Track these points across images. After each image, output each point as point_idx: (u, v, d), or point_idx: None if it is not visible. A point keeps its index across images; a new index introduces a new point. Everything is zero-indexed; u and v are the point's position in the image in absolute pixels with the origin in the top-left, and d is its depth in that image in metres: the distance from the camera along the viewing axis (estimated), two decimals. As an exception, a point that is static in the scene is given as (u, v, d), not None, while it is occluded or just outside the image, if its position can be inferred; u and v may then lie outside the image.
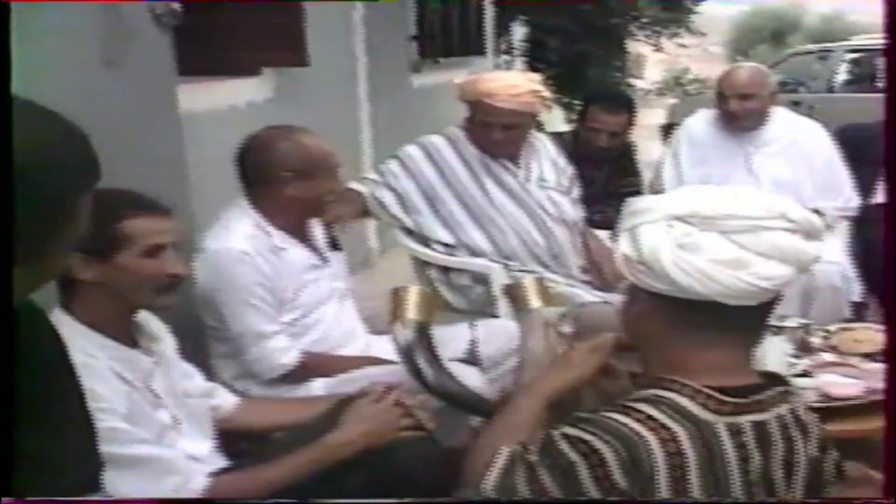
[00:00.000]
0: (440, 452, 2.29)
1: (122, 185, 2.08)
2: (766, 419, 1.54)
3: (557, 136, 4.33)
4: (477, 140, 3.57)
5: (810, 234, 1.54)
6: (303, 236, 2.89)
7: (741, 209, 1.50)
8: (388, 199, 3.56)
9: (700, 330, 1.54)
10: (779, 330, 2.86)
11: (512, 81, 3.52)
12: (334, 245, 3.04)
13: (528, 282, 2.76)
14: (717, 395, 1.51)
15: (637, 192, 4.60)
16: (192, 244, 3.00)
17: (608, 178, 4.45)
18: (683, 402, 1.50)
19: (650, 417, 1.48)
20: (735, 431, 1.50)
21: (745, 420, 1.52)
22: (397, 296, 2.66)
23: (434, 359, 2.63)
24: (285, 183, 2.74)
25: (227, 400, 2.47)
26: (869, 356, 2.93)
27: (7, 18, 1.31)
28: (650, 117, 13.57)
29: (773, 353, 2.75)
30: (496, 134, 3.50)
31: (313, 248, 2.92)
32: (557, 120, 8.46)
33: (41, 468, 1.39)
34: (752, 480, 1.51)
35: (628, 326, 1.69)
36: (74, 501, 1.52)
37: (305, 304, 2.84)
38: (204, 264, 2.70)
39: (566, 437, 1.50)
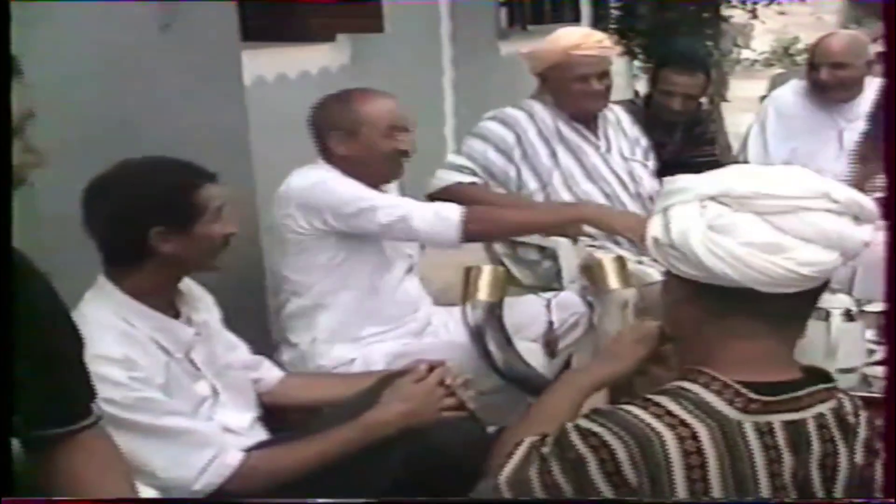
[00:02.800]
0: (482, 434, 2.24)
1: (183, 154, 2.14)
2: (803, 418, 1.43)
3: (628, 104, 4.21)
4: (565, 103, 3.49)
5: (860, 216, 1.41)
6: None
7: (779, 188, 1.38)
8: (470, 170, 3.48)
9: (733, 319, 1.44)
10: (858, 314, 2.70)
11: (586, 32, 3.56)
12: None
13: (608, 261, 2.73)
14: (745, 391, 1.40)
15: (714, 163, 4.44)
16: (254, 210, 3.01)
17: (681, 147, 4.27)
18: (709, 396, 1.41)
19: (669, 412, 1.39)
20: (764, 431, 1.40)
21: (777, 419, 1.41)
22: (469, 275, 2.67)
23: (504, 341, 2.61)
24: (335, 142, 2.75)
25: (271, 373, 2.46)
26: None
27: (7, 18, 1.31)
28: (756, 89, 13.20)
29: (850, 339, 2.61)
30: (594, 84, 3.45)
31: None
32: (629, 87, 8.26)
33: (34, 401, 1.42)
34: (782, 484, 1.41)
35: (665, 314, 1.61)
36: (74, 501, 1.53)
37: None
38: (292, 199, 2.71)
39: (578, 429, 1.43)
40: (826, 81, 3.85)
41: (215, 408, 2.15)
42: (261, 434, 2.27)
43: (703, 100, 4.42)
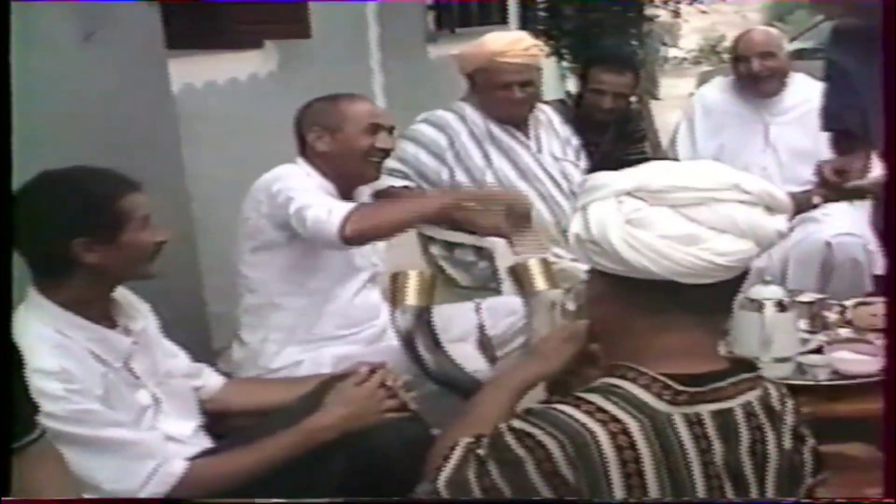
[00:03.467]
0: (425, 436, 2.22)
1: (113, 164, 2.11)
2: (730, 408, 1.45)
3: (558, 104, 4.24)
4: (491, 107, 3.51)
5: (772, 207, 1.44)
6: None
7: (691, 181, 1.41)
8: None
9: (656, 313, 1.46)
10: (790, 305, 2.75)
11: (515, 37, 3.54)
12: None
13: (533, 263, 2.73)
14: (672, 383, 1.42)
15: (645, 160, 4.48)
16: (188, 217, 2.97)
17: (613, 145, 4.32)
18: (637, 391, 1.42)
19: (600, 409, 1.40)
20: (693, 422, 1.42)
21: (705, 409, 1.43)
22: (396, 281, 2.65)
23: (434, 344, 2.60)
24: (316, 138, 2.76)
25: (212, 380, 2.44)
26: (886, 331, 2.81)
27: (7, 18, 1.33)
28: (686, 87, 13.39)
29: (783, 329, 2.65)
30: (517, 92, 3.46)
31: None
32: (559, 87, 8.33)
33: None
34: (715, 472, 1.43)
35: (588, 311, 1.63)
36: (74, 501, 1.56)
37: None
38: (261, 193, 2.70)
39: (513, 430, 1.43)
40: (758, 72, 3.89)
41: (157, 417, 2.13)
42: (204, 442, 2.25)
43: (633, 98, 4.47)
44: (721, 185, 1.41)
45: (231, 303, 2.89)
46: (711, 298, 1.45)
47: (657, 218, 1.40)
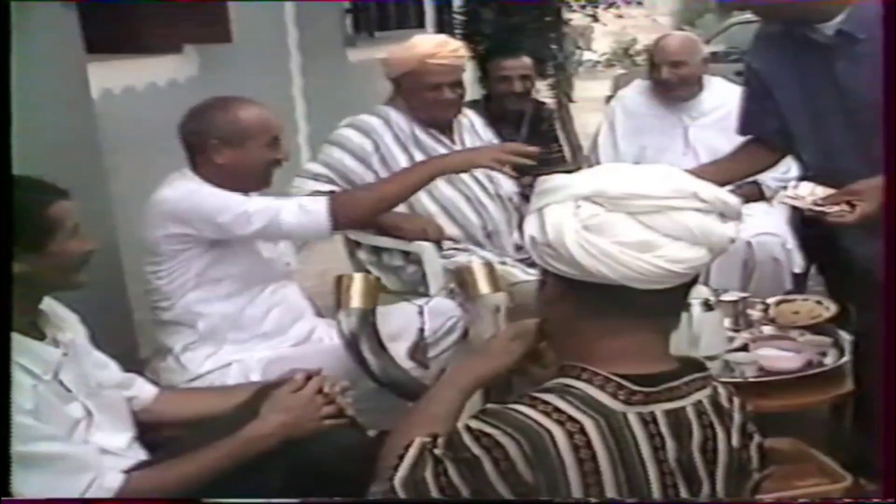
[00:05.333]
0: (363, 442, 2.23)
1: (33, 171, 2.03)
2: (682, 407, 1.47)
3: (478, 104, 4.29)
4: (419, 110, 3.50)
5: (725, 214, 1.46)
6: None
7: (649, 189, 1.42)
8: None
9: (610, 315, 1.47)
10: (716, 304, 2.80)
11: (442, 40, 3.54)
12: None
13: (477, 267, 2.75)
14: (627, 384, 1.44)
15: (561, 159, 4.57)
16: (111, 224, 2.91)
17: (528, 144, 4.38)
18: (592, 391, 1.43)
19: (556, 409, 1.41)
20: (647, 421, 1.43)
21: (658, 409, 1.45)
22: (341, 284, 2.65)
23: (378, 347, 2.62)
24: (214, 150, 2.68)
25: (144, 390, 2.38)
26: (808, 328, 2.88)
27: (7, 19, 1.32)
28: (600, 89, 13.55)
29: (710, 328, 2.70)
30: (447, 93, 3.46)
31: None
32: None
33: None
34: (669, 469, 1.44)
35: (540, 312, 1.62)
36: (74, 501, 1.55)
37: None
38: (165, 208, 2.63)
39: (469, 430, 1.43)
40: (668, 80, 3.96)
41: (90, 429, 2.07)
42: (139, 453, 2.20)
43: (548, 100, 4.55)
44: (679, 193, 1.42)
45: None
46: (663, 302, 1.47)
47: (614, 224, 1.41)
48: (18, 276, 1.91)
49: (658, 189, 1.42)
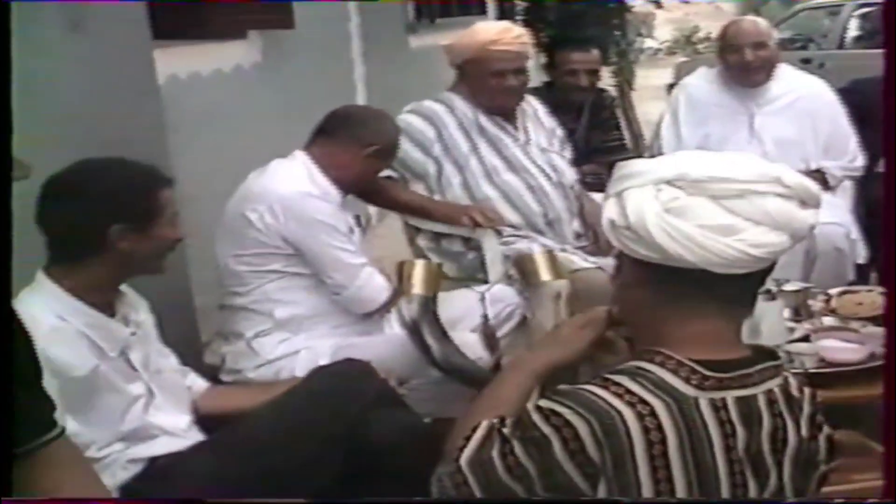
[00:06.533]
0: (419, 425, 2.26)
1: (100, 152, 2.15)
2: (753, 395, 1.47)
3: (538, 91, 4.24)
4: (482, 97, 3.49)
5: (806, 201, 1.46)
6: (343, 203, 2.92)
7: (732, 173, 1.43)
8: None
9: (687, 300, 1.48)
10: (777, 294, 2.77)
11: (505, 26, 3.54)
12: (357, 220, 3.02)
13: (539, 255, 2.77)
14: (700, 369, 1.44)
15: (622, 147, 4.54)
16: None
17: (588, 132, 4.37)
18: (665, 375, 1.44)
19: (628, 391, 1.41)
20: (718, 407, 1.44)
21: (730, 395, 1.45)
22: (402, 270, 2.68)
23: (441, 333, 2.64)
24: (363, 155, 2.84)
25: (197, 383, 2.45)
26: (870, 320, 2.84)
27: (7, 19, 1.32)
28: (661, 77, 13.42)
29: (770, 318, 2.67)
30: (511, 80, 3.45)
31: (347, 216, 2.94)
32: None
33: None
34: (737, 457, 1.44)
35: (616, 296, 1.64)
36: (74, 501, 1.52)
37: None
38: (276, 208, 2.70)
39: (540, 409, 1.44)
40: (750, 61, 3.87)
41: (149, 409, 2.14)
42: (198, 436, 2.25)
43: (610, 89, 4.52)
44: (761, 178, 1.43)
45: (217, 296, 2.89)
46: (739, 288, 1.48)
47: (695, 207, 1.42)
48: (120, 254, 2.03)
49: (740, 173, 1.43)
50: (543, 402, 1.45)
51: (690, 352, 1.45)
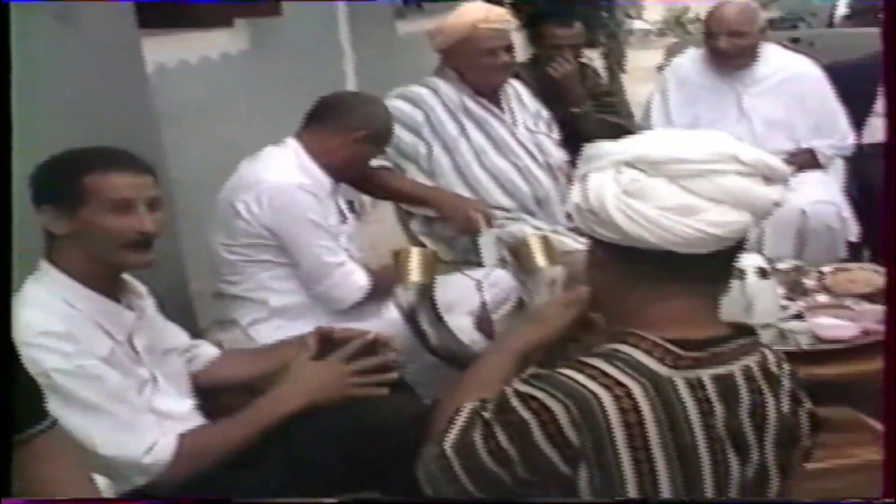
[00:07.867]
0: (419, 409, 2.23)
1: (91, 143, 2.10)
2: (730, 372, 1.47)
3: (522, 67, 4.24)
4: (472, 77, 3.50)
5: (769, 176, 1.45)
6: (335, 190, 2.94)
7: (689, 152, 1.42)
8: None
9: (656, 281, 1.48)
10: (771, 272, 2.78)
11: (489, 6, 3.56)
12: (351, 206, 3.01)
13: (534, 240, 2.75)
14: (674, 348, 1.44)
15: (612, 112, 4.51)
16: (166, 198, 2.95)
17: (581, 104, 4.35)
18: (640, 356, 1.44)
19: (604, 373, 1.42)
20: (694, 386, 1.43)
21: (706, 373, 1.45)
22: (399, 258, 2.67)
23: (437, 319, 2.63)
24: (352, 140, 2.86)
25: (209, 350, 2.44)
26: (864, 297, 2.85)
27: (7, 19, 1.31)
28: (652, 59, 13.36)
29: (764, 296, 2.68)
30: (503, 57, 3.48)
31: (340, 203, 2.97)
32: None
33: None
34: (717, 436, 1.45)
35: (588, 278, 1.63)
36: (73, 501, 1.52)
37: None
38: (263, 198, 2.72)
39: (518, 393, 1.45)
40: (725, 50, 3.90)
41: (153, 394, 2.13)
42: (199, 420, 2.24)
43: (600, 69, 4.50)
44: (720, 156, 1.42)
45: (212, 282, 2.89)
46: (707, 267, 1.47)
47: (654, 188, 1.42)
48: (70, 238, 1.99)
49: (698, 153, 1.42)
50: (521, 387, 1.46)
51: (663, 331, 1.45)
